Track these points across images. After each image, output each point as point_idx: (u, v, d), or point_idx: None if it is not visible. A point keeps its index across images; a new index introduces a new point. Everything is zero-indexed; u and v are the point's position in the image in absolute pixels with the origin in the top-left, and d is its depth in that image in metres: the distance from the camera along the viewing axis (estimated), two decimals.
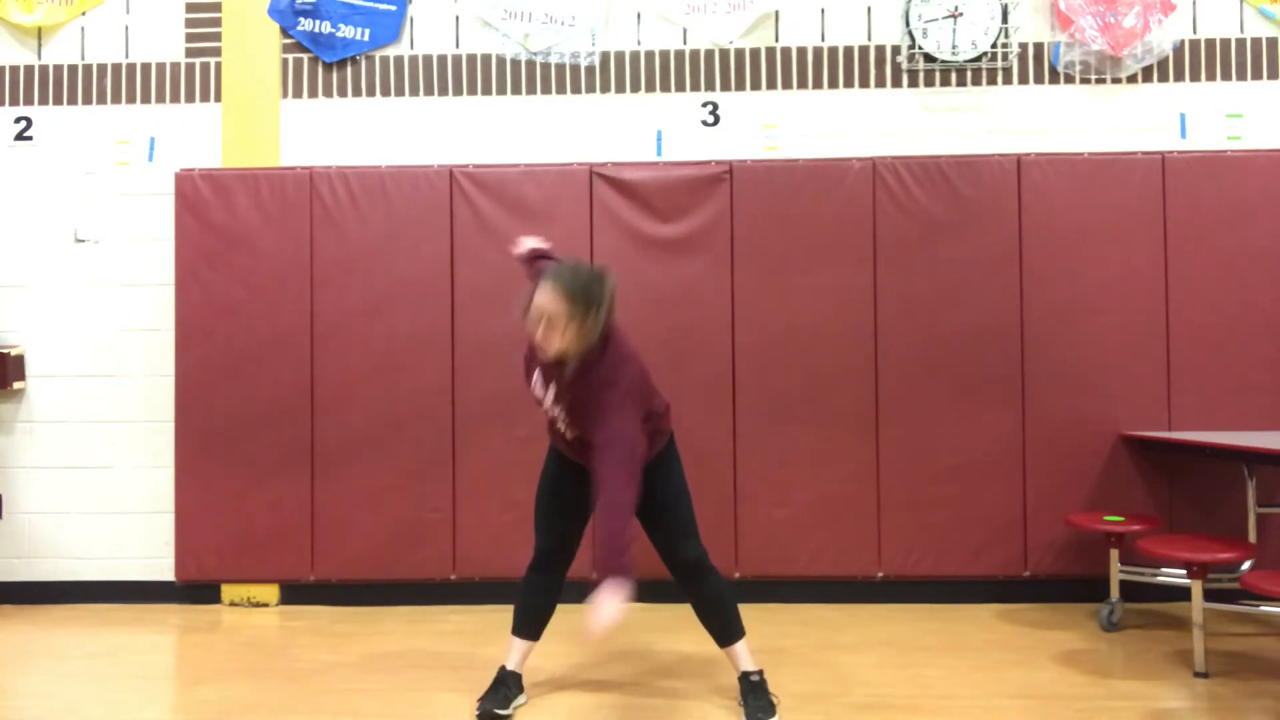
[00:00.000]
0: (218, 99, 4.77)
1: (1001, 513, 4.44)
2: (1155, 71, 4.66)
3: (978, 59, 4.66)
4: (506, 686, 3.20)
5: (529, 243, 3.53)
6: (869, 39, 4.72)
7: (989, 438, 4.44)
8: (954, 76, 4.69)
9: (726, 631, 3.16)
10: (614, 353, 2.90)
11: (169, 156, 4.74)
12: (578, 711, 3.24)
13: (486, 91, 4.76)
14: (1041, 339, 4.45)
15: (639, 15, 4.74)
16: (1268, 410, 4.38)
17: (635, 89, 4.75)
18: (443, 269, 4.55)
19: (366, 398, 4.52)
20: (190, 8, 4.79)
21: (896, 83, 4.71)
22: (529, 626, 3.25)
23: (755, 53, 4.74)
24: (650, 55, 4.75)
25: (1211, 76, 4.66)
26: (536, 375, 3.04)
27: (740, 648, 3.16)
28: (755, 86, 4.73)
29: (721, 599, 3.15)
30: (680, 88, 4.74)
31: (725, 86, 4.74)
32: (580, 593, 3.32)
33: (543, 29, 4.72)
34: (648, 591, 4.40)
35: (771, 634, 3.90)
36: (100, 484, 4.68)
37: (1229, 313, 4.42)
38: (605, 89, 4.75)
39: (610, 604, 2.69)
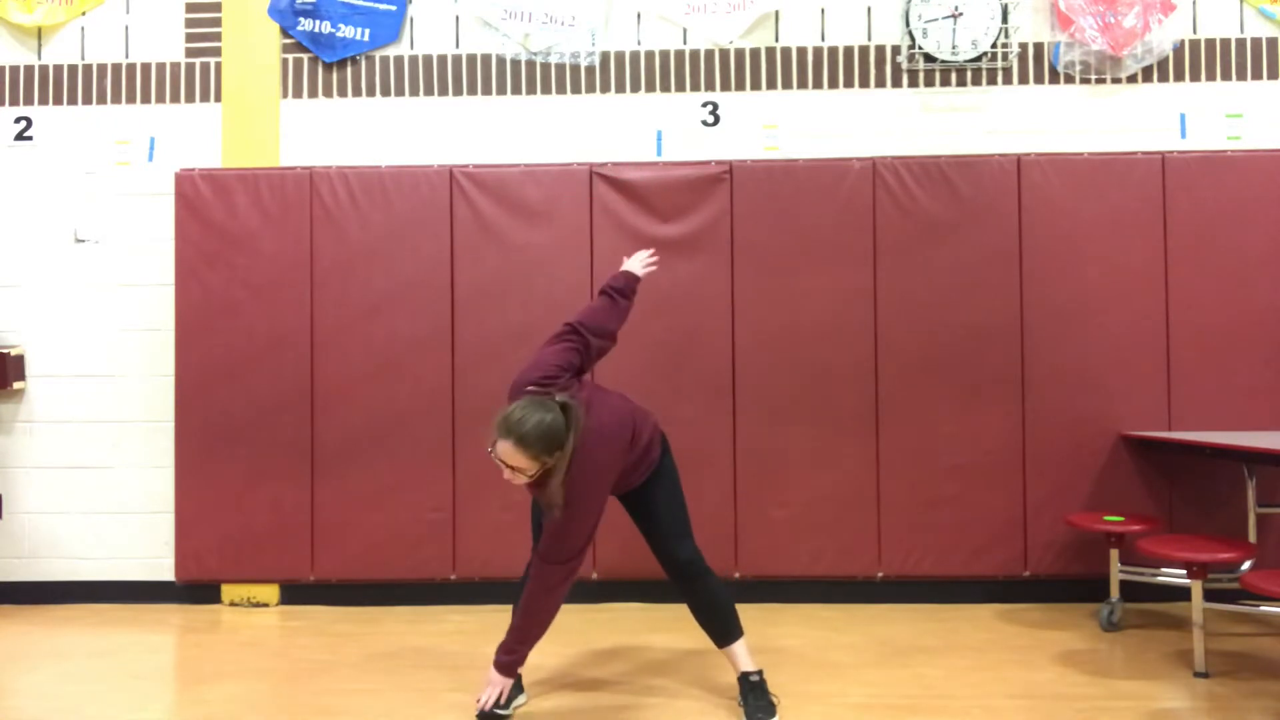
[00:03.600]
0: (218, 99, 4.78)
1: (1001, 513, 4.44)
2: (1155, 71, 4.66)
3: (978, 59, 4.66)
4: None
5: (630, 264, 3.43)
6: (869, 39, 4.72)
7: (989, 438, 4.44)
8: (954, 76, 4.69)
9: (724, 632, 3.16)
10: (580, 463, 2.84)
11: (169, 156, 4.74)
12: (577, 711, 3.24)
13: (486, 91, 4.76)
14: (1041, 339, 4.45)
15: (639, 15, 4.74)
16: (1268, 410, 4.38)
17: (635, 89, 4.75)
18: (443, 269, 4.55)
19: (366, 398, 4.52)
20: (190, 8, 4.79)
21: (896, 83, 4.71)
22: None
23: (755, 53, 4.74)
24: (650, 55, 4.75)
25: (1211, 76, 4.66)
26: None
27: (739, 648, 3.15)
28: (755, 86, 4.74)
29: (717, 599, 3.15)
30: (680, 88, 4.74)
31: (725, 86, 4.74)
32: (581, 593, 3.33)
33: (543, 29, 4.72)
34: (648, 591, 4.43)
35: (771, 634, 3.90)
36: (100, 484, 4.68)
37: (1229, 313, 4.42)
38: (605, 89, 4.75)
39: (490, 686, 3.03)
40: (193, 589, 4.61)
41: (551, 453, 2.79)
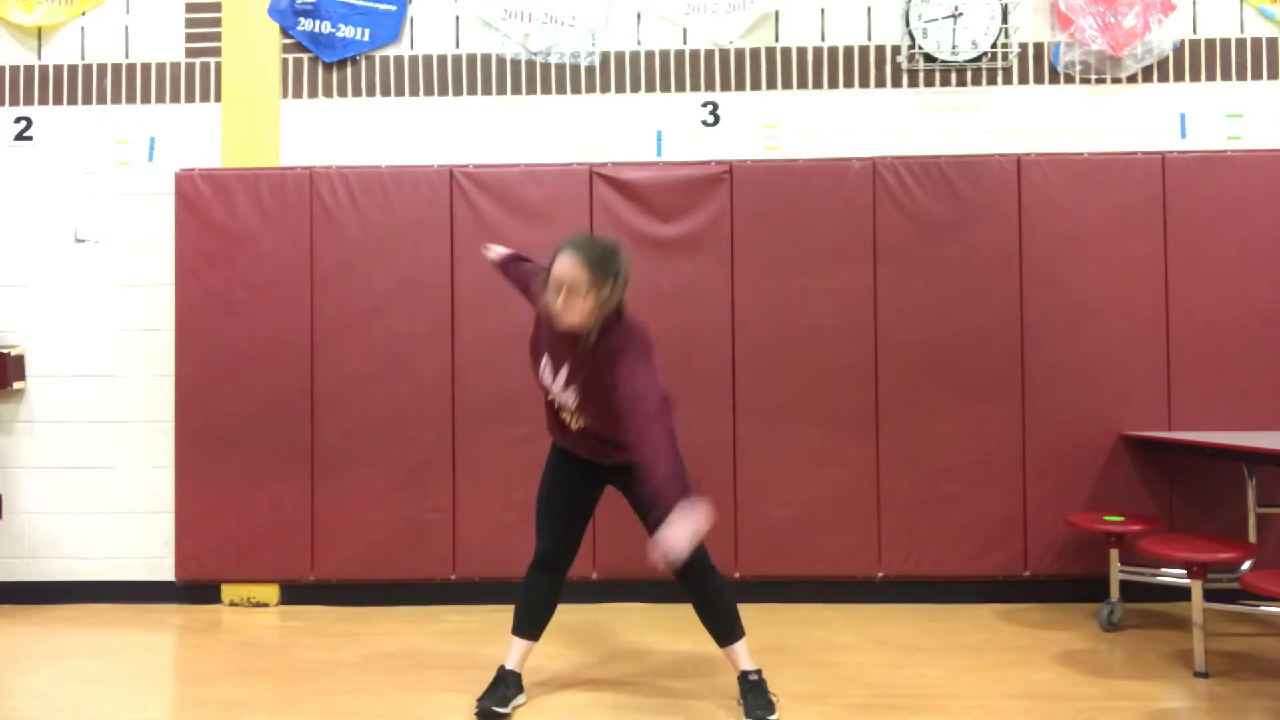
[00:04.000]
0: (218, 99, 4.78)
1: (1001, 513, 4.44)
2: (1155, 71, 4.66)
3: (978, 59, 4.66)
4: (506, 686, 3.19)
5: (500, 250, 3.57)
6: (869, 39, 4.72)
7: (989, 438, 4.44)
8: (954, 76, 4.69)
9: (726, 631, 3.16)
10: (627, 323, 2.94)
11: (169, 156, 4.74)
12: (577, 711, 3.24)
13: (486, 91, 4.76)
14: (1041, 339, 4.45)
15: (639, 15, 4.74)
16: (1268, 410, 4.38)
17: (635, 89, 4.75)
18: (443, 269, 4.55)
19: (366, 398, 4.52)
20: (190, 8, 4.79)
21: (896, 83, 4.71)
22: (529, 627, 3.25)
23: (755, 53, 4.74)
24: (650, 55, 4.75)
25: (1211, 76, 4.66)
26: (545, 360, 3.03)
27: (740, 648, 3.15)
28: (755, 86, 4.73)
29: (722, 599, 3.15)
30: (680, 88, 4.74)
31: (725, 86, 4.74)
32: (582, 593, 3.33)
33: (543, 29, 4.72)
34: (648, 592, 4.42)
35: (771, 634, 3.90)
36: (100, 484, 4.68)
37: (1229, 313, 4.42)
38: (605, 89, 4.75)
39: (687, 524, 2.64)
40: (193, 589, 4.61)
41: (607, 277, 2.81)
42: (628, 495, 3.13)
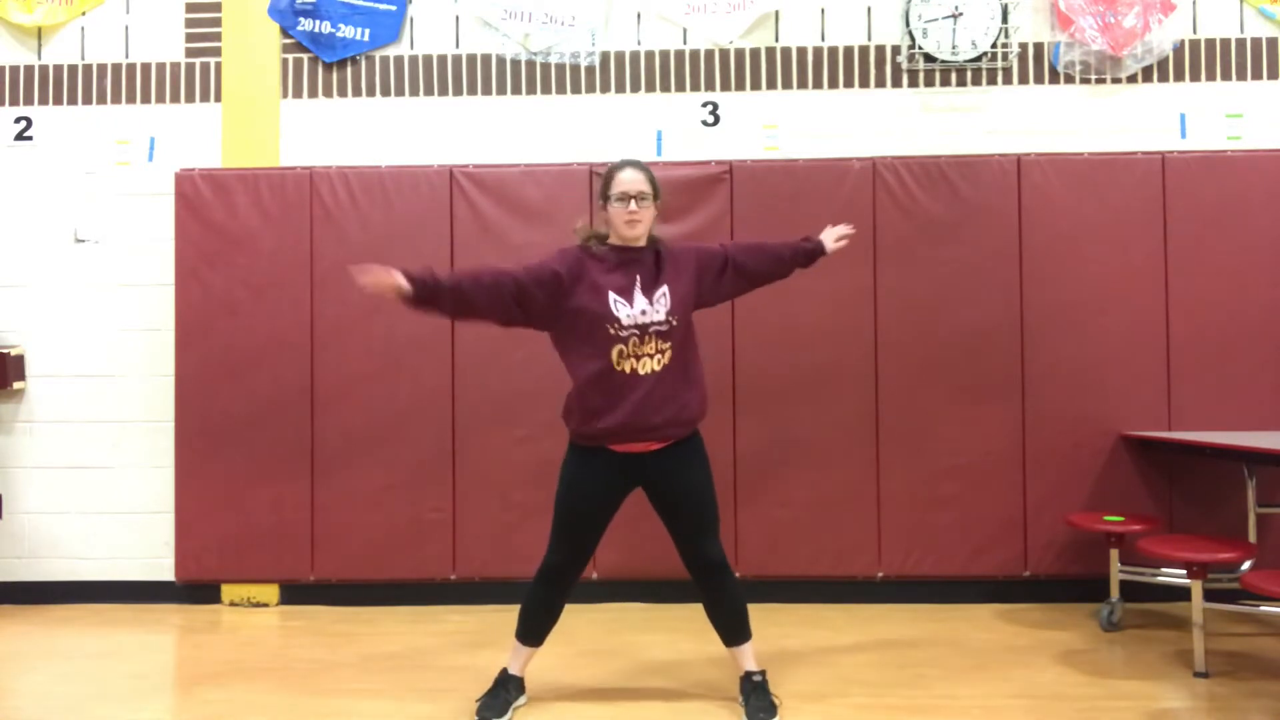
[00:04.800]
0: (218, 99, 4.78)
1: (1001, 513, 4.44)
2: (1155, 71, 4.66)
3: (978, 59, 4.66)
4: (506, 690, 3.19)
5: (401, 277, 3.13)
6: (869, 39, 4.72)
7: (989, 438, 4.44)
8: (954, 76, 4.69)
9: (737, 632, 3.16)
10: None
11: (169, 156, 4.74)
12: (577, 711, 3.24)
13: (486, 91, 4.76)
14: (1041, 339, 4.45)
15: (639, 15, 4.74)
16: (1268, 410, 4.38)
17: (635, 89, 4.75)
18: (443, 269, 4.54)
19: (366, 398, 4.52)
20: (190, 8, 4.79)
21: (896, 83, 4.71)
22: (533, 634, 3.23)
23: (755, 53, 4.74)
24: (650, 55, 4.75)
25: (1211, 76, 4.66)
26: (612, 297, 2.98)
27: (747, 648, 3.17)
28: (755, 86, 4.74)
29: (737, 599, 3.16)
30: (680, 88, 4.74)
31: (725, 86, 4.74)
32: (582, 593, 3.33)
33: (543, 29, 4.72)
34: (648, 591, 4.43)
35: (771, 634, 3.90)
36: (100, 484, 4.68)
37: (1229, 312, 4.42)
38: (605, 89, 4.75)
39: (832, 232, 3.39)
40: (193, 589, 4.61)
41: (657, 185, 3.13)
42: (655, 490, 3.10)
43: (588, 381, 3.00)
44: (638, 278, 3.03)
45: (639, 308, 2.99)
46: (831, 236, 3.40)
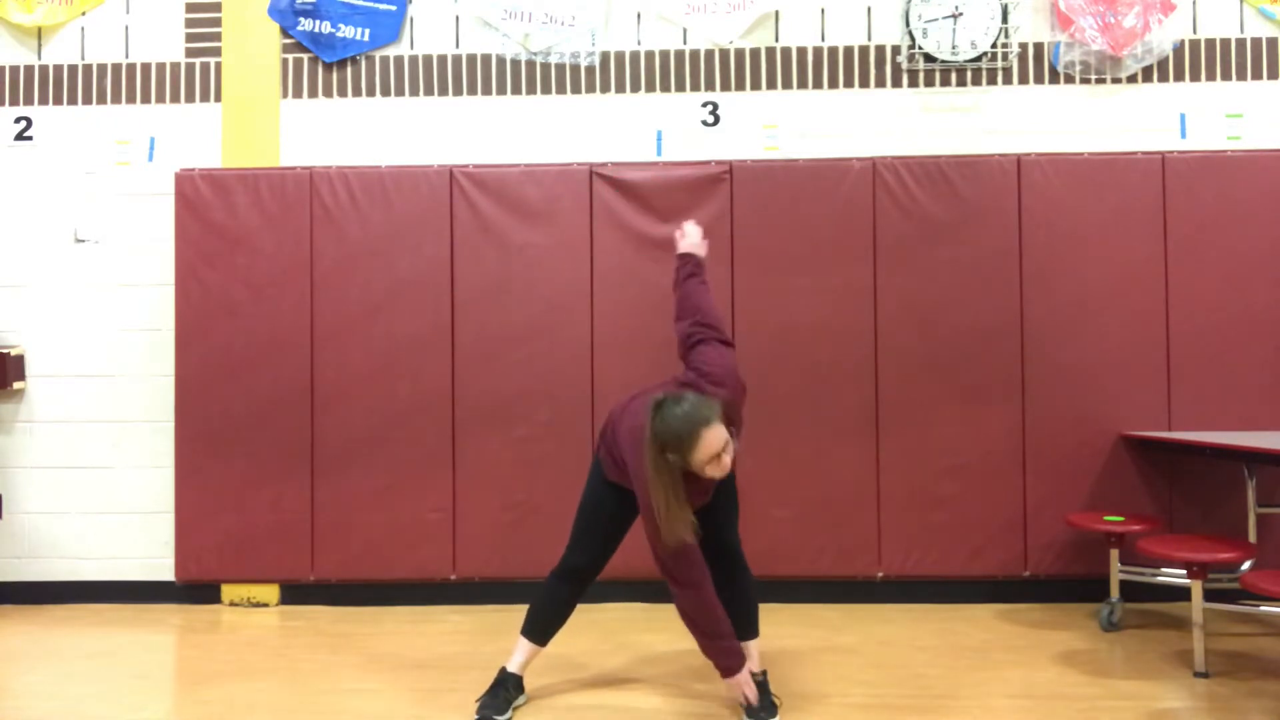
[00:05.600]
0: (218, 99, 4.77)
1: (1001, 513, 4.44)
2: (1155, 71, 4.66)
3: (977, 59, 4.66)
4: (506, 689, 3.19)
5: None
6: (869, 39, 4.72)
7: (989, 438, 4.44)
8: (954, 76, 4.69)
9: (747, 626, 3.17)
10: None
11: (169, 156, 4.74)
12: (577, 711, 3.24)
13: (486, 91, 4.76)
14: (1041, 339, 4.45)
15: (639, 15, 4.74)
16: (1268, 410, 4.38)
17: (635, 89, 4.75)
18: (443, 269, 4.55)
19: (366, 398, 4.52)
20: (190, 8, 4.79)
21: (896, 83, 4.71)
22: (541, 632, 3.24)
23: (755, 53, 4.74)
24: (650, 55, 4.75)
25: (1211, 76, 4.66)
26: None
27: (751, 647, 3.17)
28: (755, 86, 4.73)
29: (751, 591, 3.20)
30: (680, 88, 4.74)
31: (725, 86, 4.74)
32: (585, 594, 3.33)
33: (543, 29, 4.72)
34: (648, 591, 4.42)
35: (771, 634, 3.87)
36: (100, 484, 4.68)
37: (1229, 313, 4.42)
38: (605, 89, 4.75)
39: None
40: (193, 589, 4.60)
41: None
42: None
43: None
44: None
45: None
46: (696, 239, 3.33)
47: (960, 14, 4.63)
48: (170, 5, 4.79)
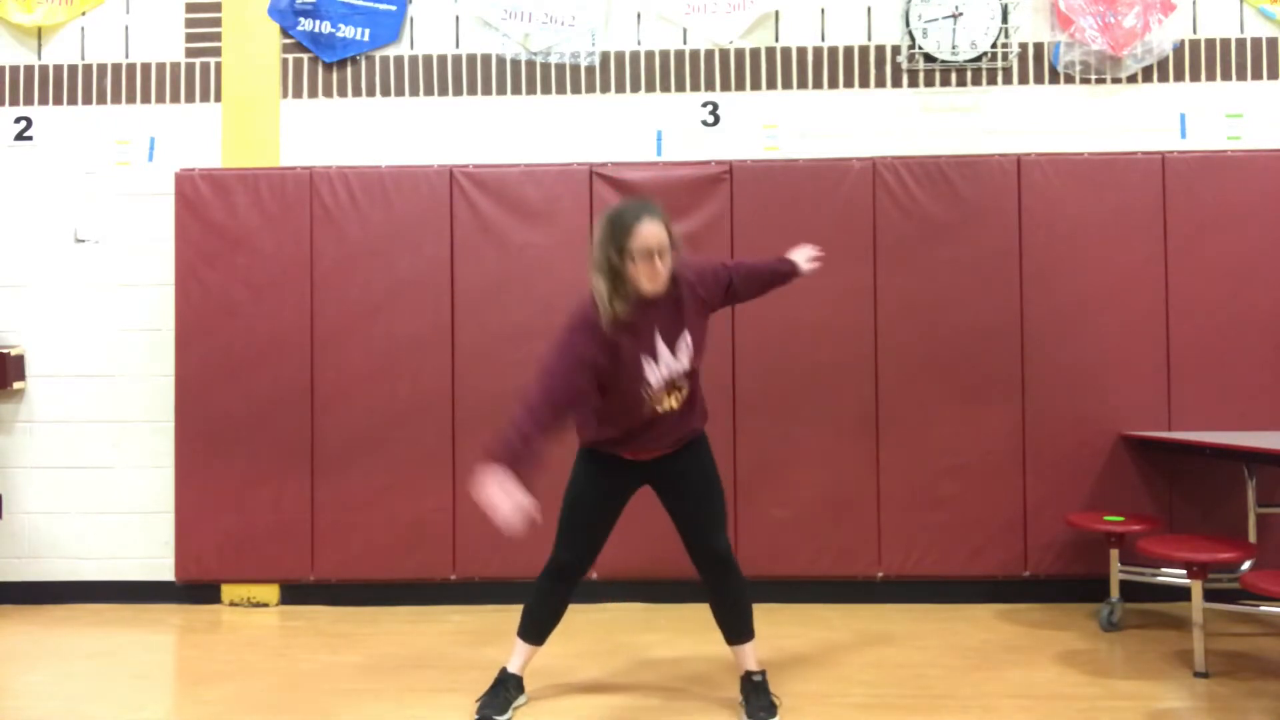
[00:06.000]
0: (218, 99, 4.78)
1: (1001, 513, 4.44)
2: (1155, 71, 4.66)
3: (977, 59, 4.66)
4: (506, 688, 3.19)
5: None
6: (869, 39, 4.72)
7: (989, 438, 4.44)
8: (954, 76, 4.69)
9: (740, 629, 3.16)
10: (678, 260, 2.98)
11: (169, 156, 4.74)
12: (577, 711, 3.24)
13: (486, 91, 4.76)
14: (1041, 339, 4.45)
15: (639, 15, 4.74)
16: (1268, 410, 4.38)
17: (635, 89, 4.75)
18: (443, 269, 4.55)
19: (366, 398, 4.52)
20: (190, 8, 4.79)
21: (896, 83, 4.71)
22: (536, 632, 3.23)
23: (755, 53, 4.74)
24: (650, 55, 4.75)
25: (1211, 76, 4.66)
26: (645, 363, 2.91)
27: (749, 648, 3.16)
28: (755, 86, 4.73)
29: (743, 595, 3.17)
30: (680, 88, 4.74)
31: (725, 86, 4.74)
32: (582, 593, 3.33)
33: (543, 29, 4.72)
34: (648, 591, 4.43)
35: (771, 634, 3.89)
36: (100, 484, 4.68)
37: (1229, 312, 4.42)
38: (605, 89, 4.75)
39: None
40: (193, 589, 4.61)
41: (671, 227, 2.90)
42: (663, 487, 3.12)
43: (607, 421, 3.02)
44: (656, 330, 2.92)
45: (664, 363, 2.94)
46: (804, 258, 3.37)
47: (960, 14, 4.63)
48: (170, 5, 4.79)
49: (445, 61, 4.77)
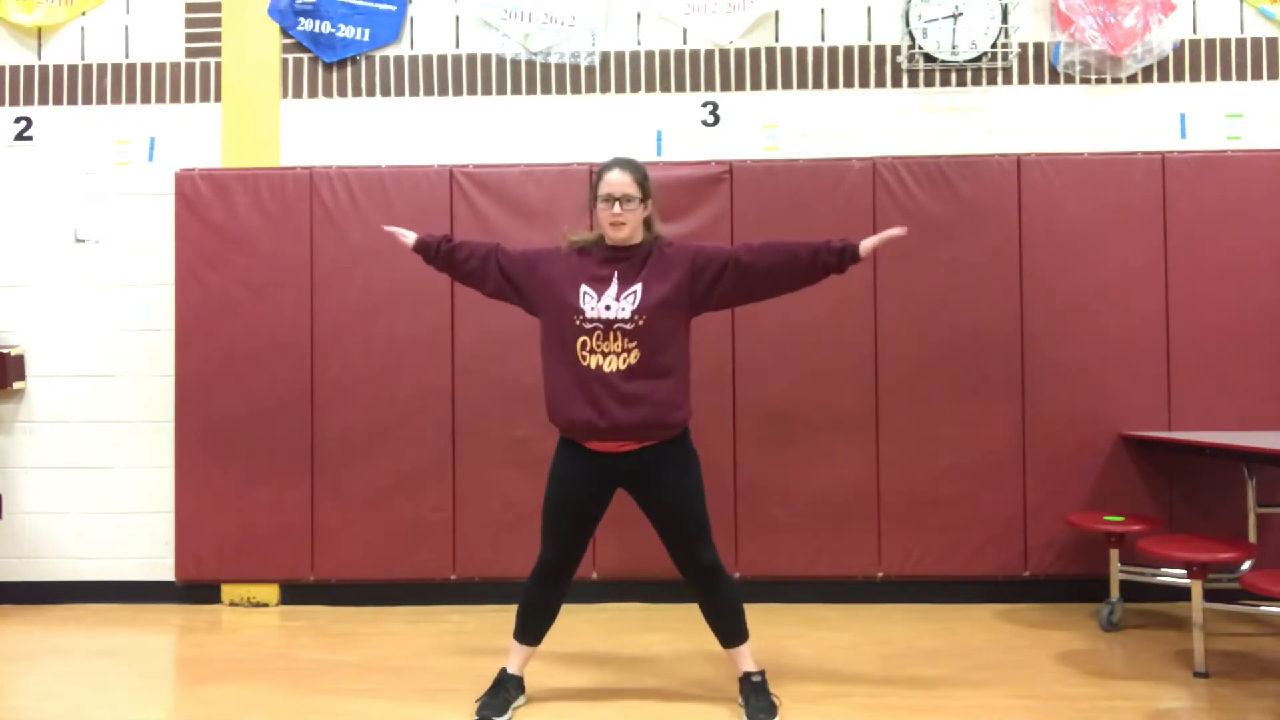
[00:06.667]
0: (218, 99, 4.78)
1: (1001, 513, 4.44)
2: (1155, 71, 4.66)
3: (978, 59, 4.66)
4: (506, 689, 3.19)
5: (410, 235, 3.44)
6: (869, 39, 4.72)
7: (989, 438, 4.44)
8: (954, 76, 4.69)
9: (734, 633, 3.16)
10: (671, 239, 3.18)
11: (169, 156, 4.74)
12: (577, 711, 3.24)
13: (486, 91, 4.76)
14: (1041, 339, 4.45)
15: (639, 15, 4.74)
16: (1268, 410, 4.38)
17: (635, 89, 4.75)
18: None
19: (366, 398, 4.52)
20: (190, 8, 4.79)
21: (896, 83, 4.71)
22: (531, 633, 3.24)
23: (755, 53, 4.74)
24: (650, 55, 4.75)
25: (1211, 76, 4.66)
26: (584, 289, 3.01)
27: (745, 649, 3.16)
28: (755, 86, 4.74)
29: (733, 601, 3.15)
30: (680, 88, 4.74)
31: (725, 86, 4.74)
32: (582, 593, 3.33)
33: (543, 29, 4.72)
34: (648, 591, 4.43)
35: (771, 634, 3.90)
36: (100, 484, 4.68)
37: (1229, 313, 4.42)
38: (605, 89, 4.75)
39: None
40: (193, 589, 4.61)
41: (649, 187, 3.08)
42: (638, 493, 3.11)
43: (552, 369, 3.06)
44: (616, 274, 3.03)
45: (605, 302, 2.99)
46: (873, 239, 3.15)
47: (960, 14, 4.63)
48: (170, 5, 4.79)
49: (445, 61, 4.77)
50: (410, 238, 3.40)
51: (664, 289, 3.02)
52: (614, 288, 3.01)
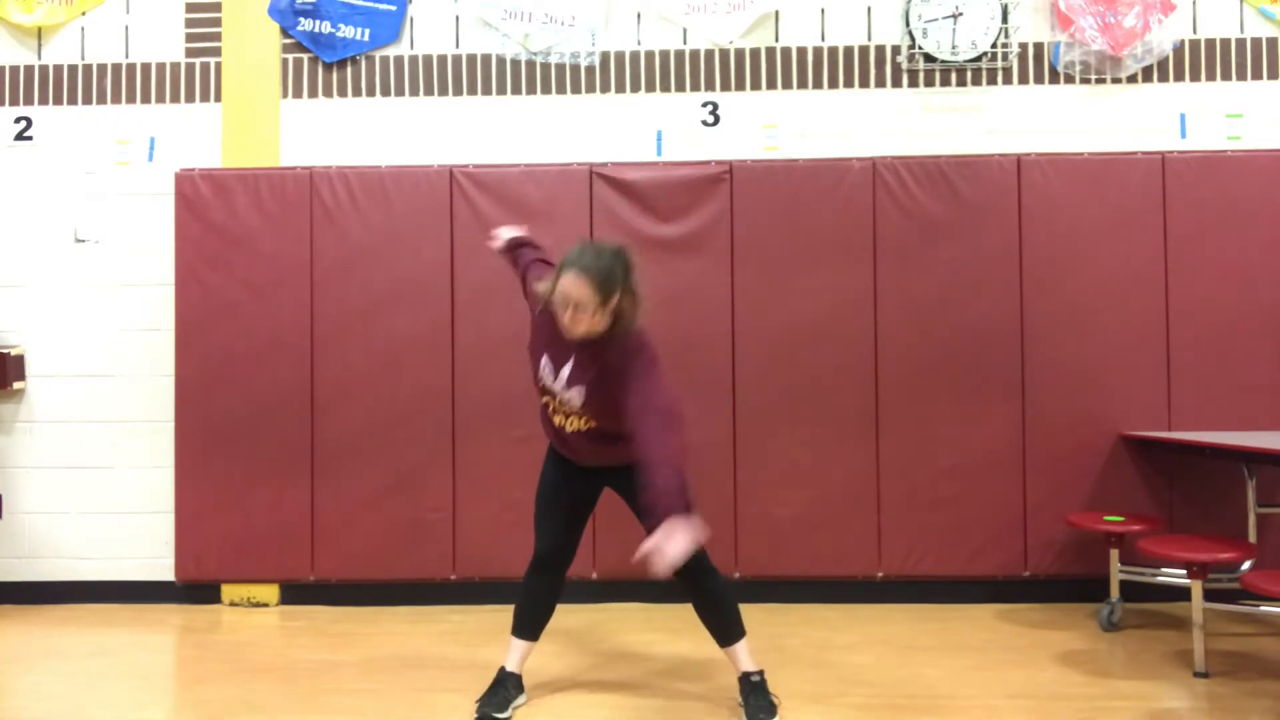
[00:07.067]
0: (218, 99, 4.78)
1: (1001, 513, 4.44)
2: (1155, 71, 4.66)
3: (978, 59, 4.66)
4: (505, 688, 3.20)
5: (507, 233, 3.54)
6: (869, 39, 4.72)
7: (989, 438, 4.44)
8: (954, 76, 4.69)
9: (728, 632, 3.16)
10: (638, 332, 2.92)
11: (169, 156, 4.74)
12: (577, 711, 3.24)
13: (486, 91, 4.76)
14: (1041, 339, 4.45)
15: (639, 15, 4.74)
16: (1268, 410, 4.38)
17: (635, 89, 4.75)
18: (443, 269, 4.55)
19: (366, 398, 4.52)
20: (190, 8, 4.79)
21: (896, 83, 4.71)
22: (529, 628, 3.25)
23: (755, 53, 4.74)
24: (650, 55, 4.75)
25: (1211, 76, 4.66)
26: (545, 360, 3.03)
27: (741, 648, 3.15)
28: (755, 86, 4.73)
29: (723, 599, 3.15)
30: (680, 88, 4.74)
31: (725, 86, 4.74)
32: (582, 593, 3.33)
33: (543, 29, 4.72)
34: (648, 592, 4.43)
35: (771, 634, 3.90)
36: (100, 484, 4.68)
37: (1229, 313, 4.42)
38: (605, 89, 4.75)
39: (681, 537, 2.63)
40: (193, 589, 4.61)
41: (612, 292, 2.80)
42: (626, 497, 3.13)
43: (537, 397, 3.13)
44: (573, 356, 2.94)
45: (559, 381, 2.98)
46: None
47: (960, 14, 4.63)
48: (170, 5, 4.79)
49: (445, 61, 4.77)
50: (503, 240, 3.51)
51: (606, 393, 2.89)
52: (568, 370, 2.94)
